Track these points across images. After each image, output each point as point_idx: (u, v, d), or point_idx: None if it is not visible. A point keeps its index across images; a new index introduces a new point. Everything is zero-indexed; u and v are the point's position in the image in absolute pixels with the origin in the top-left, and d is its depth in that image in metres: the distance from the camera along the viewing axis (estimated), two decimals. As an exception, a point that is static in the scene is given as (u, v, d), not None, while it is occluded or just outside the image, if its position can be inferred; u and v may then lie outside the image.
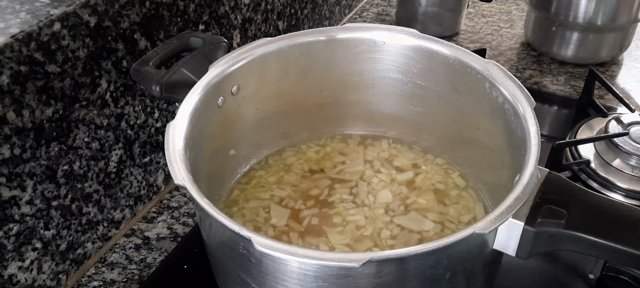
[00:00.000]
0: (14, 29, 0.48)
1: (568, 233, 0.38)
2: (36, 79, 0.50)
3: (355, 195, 0.57)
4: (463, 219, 0.55)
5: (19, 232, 0.51)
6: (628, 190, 0.66)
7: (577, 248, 0.39)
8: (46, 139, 0.52)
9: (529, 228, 0.38)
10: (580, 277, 0.57)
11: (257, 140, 0.62)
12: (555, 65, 0.92)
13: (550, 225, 0.38)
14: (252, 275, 0.42)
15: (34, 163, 0.51)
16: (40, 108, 0.51)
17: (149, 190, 0.66)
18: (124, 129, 0.60)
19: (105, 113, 0.58)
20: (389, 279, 0.39)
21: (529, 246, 0.39)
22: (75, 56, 0.53)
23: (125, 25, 0.57)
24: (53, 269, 0.56)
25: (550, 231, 0.38)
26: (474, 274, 0.44)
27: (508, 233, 0.40)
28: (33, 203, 0.52)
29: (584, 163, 0.69)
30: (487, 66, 0.52)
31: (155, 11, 0.60)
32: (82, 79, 0.54)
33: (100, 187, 0.59)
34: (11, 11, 0.50)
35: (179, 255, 0.61)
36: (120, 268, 0.60)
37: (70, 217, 0.56)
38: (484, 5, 1.09)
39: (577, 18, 0.85)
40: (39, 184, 0.52)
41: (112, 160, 0.60)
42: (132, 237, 0.64)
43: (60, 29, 0.50)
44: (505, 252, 0.41)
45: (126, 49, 0.58)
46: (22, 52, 0.48)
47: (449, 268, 0.40)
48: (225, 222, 0.39)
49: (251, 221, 0.56)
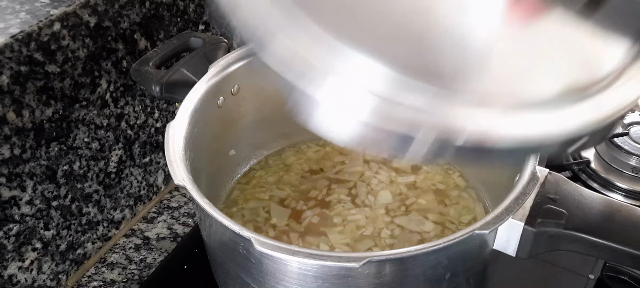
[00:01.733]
0: (14, 29, 0.48)
1: (568, 233, 0.38)
2: (36, 79, 0.49)
3: (354, 196, 0.57)
4: (463, 219, 0.55)
5: (19, 232, 0.51)
6: (628, 190, 0.66)
7: (577, 249, 0.39)
8: (46, 139, 0.52)
9: (529, 229, 0.38)
10: (580, 277, 0.57)
11: (257, 140, 0.62)
12: (555, 65, 0.91)
13: (550, 225, 0.38)
14: (252, 276, 0.42)
15: (34, 163, 0.51)
16: (40, 108, 0.51)
17: (148, 190, 0.66)
18: (124, 129, 0.60)
19: (105, 113, 0.58)
20: (389, 279, 0.39)
21: (529, 246, 0.39)
22: (75, 56, 0.53)
23: (125, 25, 0.57)
24: (53, 269, 0.56)
25: (550, 231, 0.38)
26: (474, 274, 0.44)
27: (508, 234, 0.40)
28: (33, 204, 0.52)
29: (584, 163, 0.69)
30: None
31: (155, 11, 0.60)
32: (82, 79, 0.54)
33: (100, 187, 0.59)
34: (11, 11, 0.50)
35: (179, 255, 0.61)
36: (120, 269, 0.60)
37: (70, 217, 0.56)
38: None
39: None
40: (39, 184, 0.52)
41: (112, 160, 0.60)
42: (132, 237, 0.64)
43: (60, 29, 0.50)
44: (505, 252, 0.41)
45: (126, 49, 0.58)
46: (22, 52, 0.48)
47: (449, 269, 0.40)
48: (225, 222, 0.39)
49: (251, 221, 0.56)
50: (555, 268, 0.58)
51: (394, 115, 0.28)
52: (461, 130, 0.28)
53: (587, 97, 0.29)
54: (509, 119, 0.28)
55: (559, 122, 0.29)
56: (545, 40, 0.32)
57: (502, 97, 0.29)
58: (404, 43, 0.30)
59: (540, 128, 0.29)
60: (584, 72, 0.30)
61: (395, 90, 0.28)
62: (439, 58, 0.30)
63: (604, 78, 0.30)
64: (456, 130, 0.28)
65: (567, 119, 0.29)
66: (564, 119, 0.29)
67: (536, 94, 0.29)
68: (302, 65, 0.30)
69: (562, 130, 0.29)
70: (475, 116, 0.28)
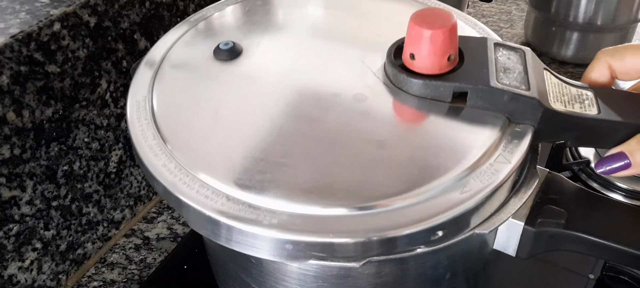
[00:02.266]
0: (13, 29, 0.48)
1: (568, 233, 0.38)
2: (36, 79, 0.49)
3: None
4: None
5: (18, 232, 0.51)
6: (628, 190, 0.66)
7: (577, 249, 0.39)
8: (46, 139, 0.52)
9: (529, 229, 0.38)
10: (581, 277, 0.57)
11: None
12: (556, 65, 0.92)
13: (551, 225, 0.38)
14: (252, 275, 0.42)
15: (34, 163, 0.51)
16: (40, 108, 0.51)
17: (149, 190, 0.66)
18: (124, 129, 0.60)
19: (105, 113, 0.58)
20: (389, 279, 0.39)
21: (529, 246, 0.39)
22: (75, 56, 0.53)
23: (125, 25, 0.57)
24: (53, 269, 0.56)
25: (550, 231, 0.38)
26: (474, 274, 0.44)
27: (508, 234, 0.40)
28: (33, 204, 0.52)
29: (584, 163, 0.69)
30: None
31: (155, 11, 0.60)
32: (82, 79, 0.54)
33: (100, 187, 0.59)
34: (11, 11, 0.50)
35: (179, 256, 0.61)
36: (120, 269, 0.60)
37: (70, 217, 0.56)
38: (484, 5, 1.09)
39: (577, 18, 0.85)
40: (39, 184, 0.52)
41: (112, 160, 0.60)
42: (132, 237, 0.64)
43: (60, 29, 0.50)
44: (505, 252, 0.41)
45: (126, 49, 0.58)
46: (22, 52, 0.48)
47: (449, 268, 0.40)
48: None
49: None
50: (555, 268, 0.58)
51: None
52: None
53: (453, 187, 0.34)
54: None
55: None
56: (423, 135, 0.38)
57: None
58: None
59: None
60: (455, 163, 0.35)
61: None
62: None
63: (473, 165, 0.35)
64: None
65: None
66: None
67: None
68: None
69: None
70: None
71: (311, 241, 0.32)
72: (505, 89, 0.38)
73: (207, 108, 0.39)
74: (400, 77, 0.40)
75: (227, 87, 0.41)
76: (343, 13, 0.49)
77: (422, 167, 0.35)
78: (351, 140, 0.37)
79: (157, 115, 0.39)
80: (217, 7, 0.49)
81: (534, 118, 0.38)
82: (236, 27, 0.47)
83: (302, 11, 0.49)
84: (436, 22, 0.38)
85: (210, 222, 0.33)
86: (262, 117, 0.38)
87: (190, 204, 0.33)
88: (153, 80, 0.42)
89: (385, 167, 0.35)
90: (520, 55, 0.41)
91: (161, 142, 0.37)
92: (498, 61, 0.40)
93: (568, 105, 0.39)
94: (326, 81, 0.41)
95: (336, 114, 0.39)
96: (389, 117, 0.39)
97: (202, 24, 0.47)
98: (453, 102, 0.39)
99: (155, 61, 0.44)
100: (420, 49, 0.38)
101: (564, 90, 0.40)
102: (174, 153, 0.36)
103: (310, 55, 0.44)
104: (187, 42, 0.45)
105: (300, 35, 0.46)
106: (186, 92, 0.41)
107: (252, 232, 0.32)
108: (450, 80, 0.39)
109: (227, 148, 0.36)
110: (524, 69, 0.40)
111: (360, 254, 0.33)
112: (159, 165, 0.35)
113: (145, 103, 0.40)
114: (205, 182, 0.34)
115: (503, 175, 0.35)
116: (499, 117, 0.38)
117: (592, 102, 0.40)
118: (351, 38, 0.46)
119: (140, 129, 0.38)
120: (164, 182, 0.35)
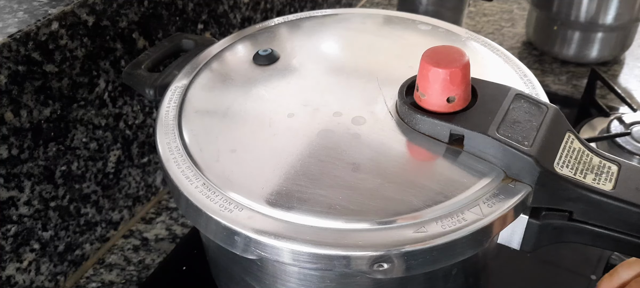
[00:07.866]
0: (11, 28, 0.47)
1: (572, 224, 0.38)
2: (34, 79, 0.49)
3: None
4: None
5: (16, 233, 0.51)
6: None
7: (581, 240, 0.39)
8: (44, 139, 0.52)
9: (533, 221, 0.38)
10: (582, 277, 0.57)
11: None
12: (557, 64, 0.91)
13: (555, 217, 0.38)
14: (252, 275, 0.42)
15: (32, 163, 0.51)
16: (38, 108, 0.50)
17: (147, 190, 0.66)
18: (122, 129, 0.60)
19: (104, 113, 0.57)
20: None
21: (534, 239, 0.39)
22: (73, 56, 0.52)
23: (123, 24, 0.57)
24: (51, 270, 0.56)
25: (554, 223, 0.38)
26: (477, 270, 0.43)
27: (512, 227, 0.39)
28: (31, 204, 0.52)
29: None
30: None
31: (153, 10, 0.60)
32: (80, 78, 0.54)
33: (99, 188, 0.59)
34: (9, 11, 0.50)
35: (178, 257, 0.61)
36: (118, 270, 0.60)
37: (68, 218, 0.56)
38: (485, 4, 1.09)
39: (579, 17, 0.85)
40: (37, 185, 0.52)
41: (110, 160, 0.60)
42: (131, 238, 0.63)
43: (58, 29, 0.50)
44: (509, 246, 0.41)
45: (124, 49, 0.58)
46: (20, 51, 0.47)
47: (452, 266, 0.40)
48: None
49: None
50: (557, 269, 0.58)
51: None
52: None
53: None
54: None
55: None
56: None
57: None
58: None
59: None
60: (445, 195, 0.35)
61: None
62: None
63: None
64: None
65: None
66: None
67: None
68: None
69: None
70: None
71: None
72: (501, 140, 0.36)
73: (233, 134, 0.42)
74: (403, 111, 0.40)
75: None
76: (388, 41, 0.50)
77: (386, 197, 0.35)
78: (330, 158, 0.37)
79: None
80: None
81: (531, 178, 0.36)
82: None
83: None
84: (442, 61, 0.37)
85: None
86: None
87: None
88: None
89: (350, 189, 0.35)
90: (542, 111, 0.39)
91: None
92: (510, 112, 0.38)
93: (579, 174, 0.36)
94: (336, 104, 0.42)
95: (328, 133, 0.39)
96: (376, 144, 0.39)
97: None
98: (452, 143, 0.38)
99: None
100: (423, 85, 0.38)
101: (583, 158, 0.38)
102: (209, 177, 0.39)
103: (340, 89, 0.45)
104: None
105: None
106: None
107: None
108: (448, 120, 0.38)
109: (255, 170, 0.38)
110: (538, 125, 0.37)
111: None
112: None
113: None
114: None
115: (470, 228, 0.34)
116: (494, 169, 0.37)
117: (612, 177, 0.37)
118: (385, 69, 0.46)
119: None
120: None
